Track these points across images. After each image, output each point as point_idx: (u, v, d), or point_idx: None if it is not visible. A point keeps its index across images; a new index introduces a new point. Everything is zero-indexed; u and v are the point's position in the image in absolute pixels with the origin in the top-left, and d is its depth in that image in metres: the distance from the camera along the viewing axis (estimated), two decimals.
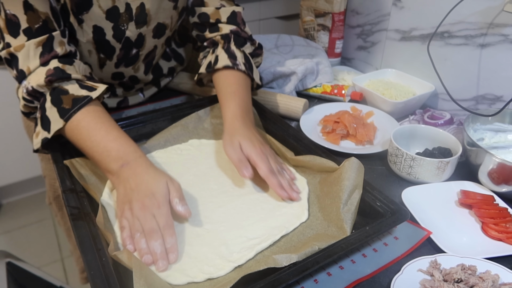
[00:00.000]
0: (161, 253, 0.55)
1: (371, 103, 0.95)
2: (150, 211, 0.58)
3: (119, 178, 0.63)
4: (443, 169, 0.70)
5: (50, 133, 0.67)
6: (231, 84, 0.81)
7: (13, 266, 1.08)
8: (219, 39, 0.87)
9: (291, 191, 0.66)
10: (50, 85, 0.68)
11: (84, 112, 0.67)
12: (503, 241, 0.60)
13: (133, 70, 0.89)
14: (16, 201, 2.06)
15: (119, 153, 0.64)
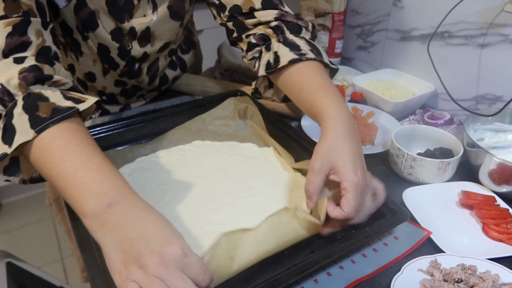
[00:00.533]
0: None
1: (371, 103, 0.95)
2: (176, 264, 0.40)
3: (105, 225, 0.44)
4: (444, 170, 0.70)
5: (12, 146, 0.49)
6: (313, 77, 0.66)
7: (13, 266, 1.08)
8: (271, 33, 0.74)
9: None
10: (25, 87, 0.52)
11: (63, 129, 0.50)
12: (504, 242, 0.60)
13: (137, 82, 0.88)
14: (16, 201, 2.06)
15: (103, 187, 0.46)
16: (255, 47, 0.77)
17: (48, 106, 0.51)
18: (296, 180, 0.70)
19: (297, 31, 0.74)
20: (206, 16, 1.29)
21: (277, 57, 0.71)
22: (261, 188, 0.69)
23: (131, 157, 0.75)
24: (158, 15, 0.77)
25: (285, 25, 0.74)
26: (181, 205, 0.65)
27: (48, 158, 0.49)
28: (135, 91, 0.92)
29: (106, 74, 0.84)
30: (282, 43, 0.72)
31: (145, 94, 0.96)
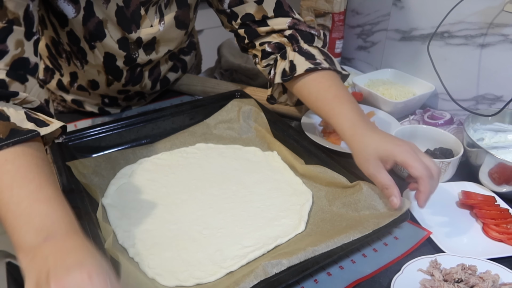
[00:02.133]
0: None
1: (371, 103, 0.95)
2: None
3: (35, 258, 0.40)
4: (445, 170, 0.70)
5: None
6: (328, 87, 0.69)
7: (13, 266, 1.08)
8: (286, 42, 0.76)
9: None
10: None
11: (18, 152, 0.47)
12: (504, 242, 0.60)
13: (140, 87, 0.88)
14: None
15: (46, 221, 0.43)
16: (270, 55, 0.79)
17: (7, 126, 0.48)
18: (296, 187, 0.70)
19: (310, 40, 0.77)
20: (206, 16, 1.28)
21: (293, 65, 0.73)
22: (260, 194, 0.68)
23: (134, 158, 0.75)
24: (164, 25, 0.77)
25: (299, 34, 0.76)
26: (180, 208, 0.65)
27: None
28: (137, 96, 0.92)
29: (110, 86, 0.84)
30: (297, 52, 0.74)
31: (146, 96, 0.96)
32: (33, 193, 0.45)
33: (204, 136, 0.82)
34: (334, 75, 0.73)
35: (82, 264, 0.38)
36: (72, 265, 0.38)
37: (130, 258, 0.55)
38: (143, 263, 0.55)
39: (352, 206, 0.62)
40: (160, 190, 0.68)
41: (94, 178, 0.68)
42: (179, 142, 0.80)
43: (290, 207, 0.65)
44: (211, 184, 0.70)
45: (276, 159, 0.76)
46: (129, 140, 0.80)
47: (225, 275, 0.53)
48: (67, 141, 0.73)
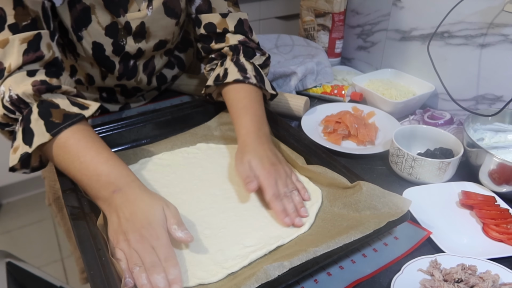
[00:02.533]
0: (164, 287, 0.50)
1: (371, 103, 0.95)
2: (149, 243, 0.53)
3: (111, 206, 0.57)
4: (444, 170, 0.70)
5: (32, 147, 0.60)
6: (242, 98, 0.77)
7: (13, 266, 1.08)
8: (228, 50, 0.83)
9: (295, 217, 0.62)
10: (38, 96, 0.62)
11: (74, 130, 0.61)
12: (504, 242, 0.60)
13: (136, 82, 0.88)
14: (16, 201, 2.06)
15: (110, 177, 0.59)
16: (213, 61, 0.87)
17: (59, 112, 0.62)
18: (304, 184, 0.69)
19: (250, 56, 0.84)
20: None
21: (226, 73, 0.80)
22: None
23: (135, 158, 0.75)
24: (153, 10, 0.78)
25: (242, 49, 0.83)
26: (181, 208, 0.64)
27: (65, 154, 0.61)
28: (135, 92, 0.92)
29: (104, 79, 0.84)
30: (233, 63, 0.81)
31: (144, 94, 0.96)
32: (94, 158, 0.60)
33: (205, 137, 0.82)
34: (255, 90, 0.79)
35: (155, 223, 0.55)
36: (148, 222, 0.55)
37: None
38: None
39: (352, 206, 0.62)
40: (161, 190, 0.68)
41: None
42: (180, 143, 0.80)
43: None
44: (212, 184, 0.70)
45: None
46: (129, 140, 0.80)
47: (226, 276, 0.53)
48: None
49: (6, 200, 2.06)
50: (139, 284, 0.50)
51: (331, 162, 0.69)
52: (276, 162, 0.68)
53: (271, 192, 0.63)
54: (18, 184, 2.01)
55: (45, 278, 1.19)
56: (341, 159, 0.75)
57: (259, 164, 0.66)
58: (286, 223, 0.61)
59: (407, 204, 0.58)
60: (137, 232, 0.54)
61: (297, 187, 0.67)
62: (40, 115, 0.61)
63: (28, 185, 2.06)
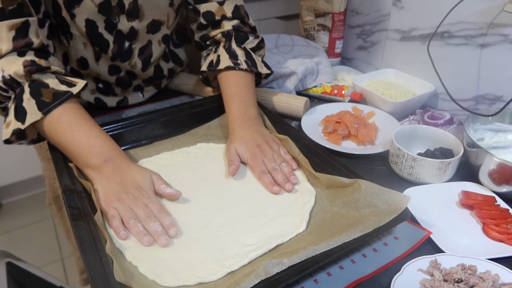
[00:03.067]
0: (161, 231, 0.58)
1: (371, 103, 0.95)
2: (142, 200, 0.61)
3: (102, 173, 0.64)
4: (444, 170, 0.70)
5: (25, 124, 0.65)
6: (230, 86, 0.82)
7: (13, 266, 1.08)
8: (220, 37, 0.87)
9: (285, 184, 0.67)
10: (29, 77, 0.66)
11: (65, 108, 0.67)
12: (504, 242, 0.60)
13: (130, 66, 0.88)
14: (16, 201, 2.06)
15: (102, 149, 0.66)
16: (208, 47, 0.91)
17: (49, 92, 0.66)
18: (301, 183, 0.70)
19: (242, 41, 0.87)
20: None
21: (218, 60, 0.85)
22: (262, 191, 0.68)
23: (135, 158, 0.75)
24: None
25: (234, 34, 0.87)
26: (181, 208, 0.65)
27: (57, 129, 0.66)
28: (130, 79, 0.91)
29: (98, 60, 0.84)
30: (225, 50, 0.86)
31: (142, 87, 0.96)
32: (87, 133, 0.66)
33: (205, 136, 0.83)
34: (245, 75, 0.84)
35: (144, 186, 0.63)
36: (139, 185, 0.63)
37: (128, 262, 0.55)
38: (142, 266, 0.54)
39: (352, 205, 0.62)
40: None
41: None
42: (180, 143, 0.80)
43: (292, 205, 0.65)
44: (212, 183, 0.70)
45: None
46: (129, 141, 0.80)
47: (226, 274, 0.53)
48: None
49: (6, 200, 2.06)
50: (135, 232, 0.57)
51: (331, 162, 0.69)
52: (261, 143, 0.73)
53: (258, 170, 0.70)
54: (18, 184, 2.01)
55: (45, 278, 1.19)
56: (341, 159, 0.75)
57: (245, 149, 0.73)
58: (275, 191, 0.67)
59: (406, 200, 0.58)
60: (130, 193, 0.61)
61: (285, 159, 0.73)
62: (32, 94, 0.65)
63: (28, 185, 2.06)
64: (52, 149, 0.71)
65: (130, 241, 0.58)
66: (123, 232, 0.58)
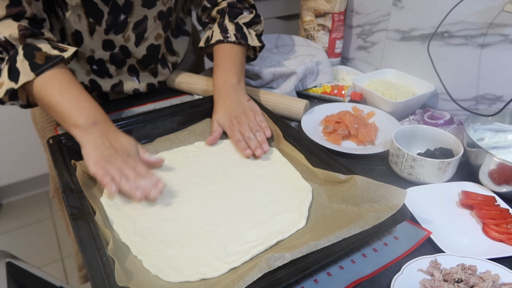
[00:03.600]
0: (152, 186, 0.63)
1: (371, 103, 0.95)
2: (131, 165, 0.65)
3: (90, 134, 0.67)
4: (444, 170, 0.70)
5: (18, 84, 0.68)
6: (217, 58, 0.88)
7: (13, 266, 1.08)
8: (215, 14, 0.93)
9: (255, 149, 0.74)
10: (23, 40, 0.69)
11: (56, 71, 0.70)
12: (504, 242, 0.60)
13: (123, 39, 0.88)
14: (16, 201, 2.06)
15: (91, 112, 0.69)
16: (207, 25, 0.98)
17: (42, 55, 0.70)
18: (296, 181, 0.70)
19: (235, 17, 0.91)
20: None
21: (212, 35, 0.91)
22: (261, 188, 0.69)
23: None
24: None
25: (228, 11, 0.91)
26: (182, 206, 0.65)
27: (48, 90, 0.69)
28: (124, 57, 0.92)
29: (92, 34, 0.85)
30: (218, 25, 0.91)
31: (138, 71, 0.96)
32: (77, 96, 0.70)
33: (203, 134, 0.83)
34: (232, 47, 0.88)
35: (131, 151, 0.68)
36: (128, 150, 0.68)
37: (133, 256, 0.56)
38: (146, 260, 0.55)
39: (350, 200, 0.62)
40: None
41: (95, 179, 0.68)
42: (178, 141, 0.80)
43: (291, 201, 0.66)
44: (212, 181, 0.71)
45: (276, 154, 0.76)
46: None
47: (228, 271, 0.53)
48: (67, 141, 0.73)
49: (6, 200, 2.06)
50: (128, 188, 0.62)
51: (331, 162, 0.69)
52: (238, 114, 0.80)
53: (234, 139, 0.77)
54: (18, 184, 2.01)
55: (45, 278, 1.19)
56: (341, 159, 0.75)
57: (225, 121, 0.80)
58: (246, 154, 0.75)
59: (403, 194, 0.58)
60: (119, 157, 0.65)
61: (260, 127, 0.79)
62: (25, 56, 0.69)
63: (28, 185, 2.06)
64: (52, 149, 0.71)
65: (136, 236, 0.59)
66: (114, 187, 0.62)
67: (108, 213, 0.62)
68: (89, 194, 0.64)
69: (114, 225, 0.60)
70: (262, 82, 1.00)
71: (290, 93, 0.98)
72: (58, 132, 0.86)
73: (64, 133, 0.74)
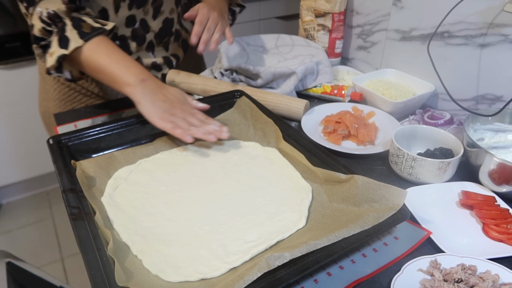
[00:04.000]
0: (219, 128, 0.73)
1: (371, 103, 0.95)
2: (189, 112, 0.74)
3: (144, 91, 0.73)
4: (444, 170, 0.70)
5: (68, 49, 0.75)
6: None
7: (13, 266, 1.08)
8: None
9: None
10: (69, 14, 0.77)
11: (102, 38, 0.78)
12: (504, 242, 0.60)
13: (143, 12, 0.94)
14: (16, 201, 2.07)
15: (138, 70, 0.75)
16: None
17: (88, 25, 0.78)
18: (295, 181, 0.70)
19: None
20: None
21: None
22: (261, 188, 0.69)
23: (134, 157, 0.75)
24: None
25: None
26: (181, 205, 0.65)
27: (96, 54, 0.76)
28: (144, 32, 0.98)
29: (117, 11, 0.91)
30: None
31: (154, 46, 1.01)
32: (122, 57, 0.77)
33: None
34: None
35: (188, 100, 0.77)
36: (183, 100, 0.76)
37: (133, 255, 0.56)
38: (146, 260, 0.55)
39: (350, 200, 0.62)
40: (160, 189, 0.69)
41: (95, 179, 0.68)
42: (178, 141, 0.80)
43: (290, 201, 0.66)
44: (212, 181, 0.71)
45: (275, 154, 0.76)
46: (129, 140, 0.80)
47: (228, 270, 0.53)
48: (67, 141, 0.73)
49: (6, 200, 2.06)
50: (200, 135, 0.71)
51: (331, 162, 0.69)
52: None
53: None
54: (18, 184, 2.01)
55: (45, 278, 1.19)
56: (341, 159, 0.75)
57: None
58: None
59: (403, 195, 0.58)
60: (177, 108, 0.73)
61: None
62: (73, 26, 0.77)
63: (28, 185, 2.06)
64: (52, 149, 0.71)
65: (136, 235, 0.59)
66: (189, 136, 0.70)
67: (109, 212, 0.63)
68: (89, 194, 0.64)
69: (115, 224, 0.60)
70: (262, 82, 1.00)
71: (290, 93, 0.98)
72: (58, 132, 0.86)
73: (64, 133, 0.75)
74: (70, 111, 0.97)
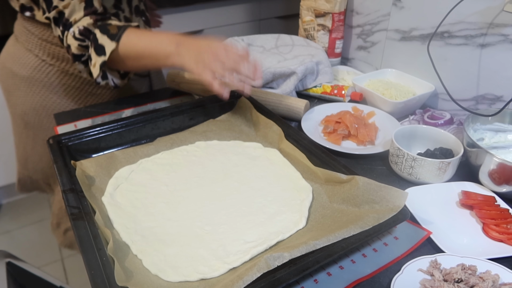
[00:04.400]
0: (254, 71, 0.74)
1: (371, 103, 0.95)
2: (236, 58, 0.73)
3: (181, 53, 0.75)
4: (444, 170, 0.70)
5: (106, 55, 0.79)
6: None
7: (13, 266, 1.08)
8: None
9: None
10: (96, 24, 0.82)
11: (128, 31, 0.82)
12: (504, 242, 0.60)
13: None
14: (16, 201, 2.06)
15: (169, 38, 0.78)
16: None
17: (113, 27, 0.82)
18: (296, 181, 0.70)
19: None
20: (206, 16, 1.29)
21: None
22: (261, 189, 0.69)
23: (135, 157, 0.75)
24: None
25: None
26: (182, 205, 0.65)
27: (130, 46, 0.81)
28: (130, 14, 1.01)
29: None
30: None
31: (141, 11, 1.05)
32: (153, 36, 0.82)
33: (204, 134, 0.83)
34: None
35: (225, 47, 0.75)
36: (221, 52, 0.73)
37: (133, 255, 0.56)
38: (146, 260, 0.55)
39: (351, 201, 0.62)
40: (160, 188, 0.69)
41: (95, 179, 0.69)
42: (179, 141, 0.80)
43: (291, 202, 0.66)
44: (212, 181, 0.71)
45: (276, 154, 0.76)
46: (129, 140, 0.80)
47: (228, 271, 0.53)
48: (67, 141, 0.73)
49: (6, 200, 2.06)
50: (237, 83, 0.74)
51: (331, 162, 0.69)
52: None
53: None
54: None
55: (45, 278, 1.19)
56: (341, 159, 0.75)
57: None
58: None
59: (404, 196, 0.58)
60: (217, 61, 0.72)
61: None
62: (102, 32, 0.81)
63: None
64: (52, 149, 0.71)
65: (136, 235, 0.59)
66: (226, 92, 0.73)
67: (110, 212, 0.63)
68: (89, 194, 0.64)
69: (115, 224, 0.60)
70: (262, 82, 1.00)
71: (290, 93, 0.98)
72: (58, 132, 0.86)
73: (64, 133, 0.75)
74: (70, 111, 0.97)
